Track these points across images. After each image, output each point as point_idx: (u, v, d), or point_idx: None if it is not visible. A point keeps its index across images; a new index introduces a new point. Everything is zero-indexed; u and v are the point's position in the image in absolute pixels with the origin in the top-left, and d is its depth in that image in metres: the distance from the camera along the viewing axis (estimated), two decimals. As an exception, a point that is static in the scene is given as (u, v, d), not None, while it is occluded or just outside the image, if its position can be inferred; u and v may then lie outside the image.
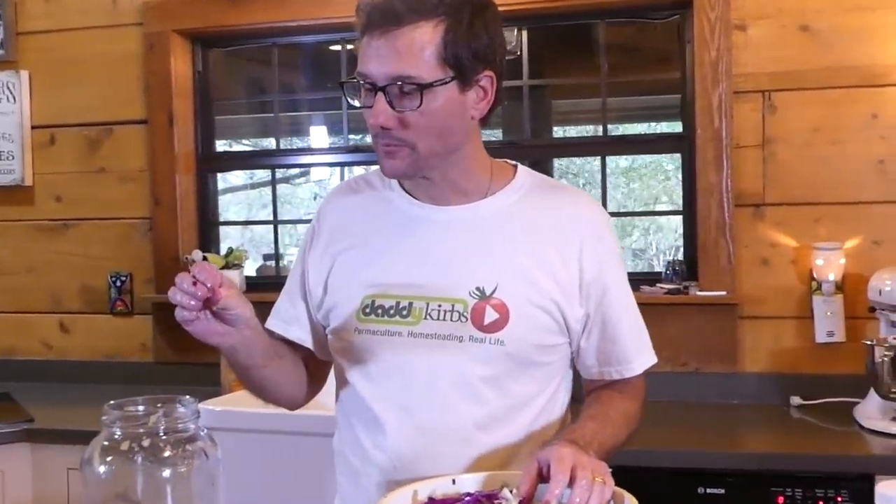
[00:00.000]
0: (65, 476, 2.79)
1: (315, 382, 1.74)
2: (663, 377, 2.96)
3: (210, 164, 3.62)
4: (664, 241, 6.32)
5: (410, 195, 1.61)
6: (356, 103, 1.53)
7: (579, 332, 1.59)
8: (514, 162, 1.67)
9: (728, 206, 2.97)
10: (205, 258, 3.35)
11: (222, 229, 3.73)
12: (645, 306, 2.97)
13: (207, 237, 3.60)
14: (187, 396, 1.34)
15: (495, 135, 3.99)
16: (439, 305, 1.52)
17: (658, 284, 3.07)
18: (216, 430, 2.70)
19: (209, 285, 1.37)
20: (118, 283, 3.52)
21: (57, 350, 3.62)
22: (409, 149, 1.48)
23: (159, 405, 1.34)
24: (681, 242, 3.29)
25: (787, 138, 2.95)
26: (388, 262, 1.57)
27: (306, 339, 1.68)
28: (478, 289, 1.52)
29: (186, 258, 3.40)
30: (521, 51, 3.33)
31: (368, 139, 1.56)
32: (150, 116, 3.48)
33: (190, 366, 3.30)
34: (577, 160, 5.34)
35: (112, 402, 1.30)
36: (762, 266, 2.97)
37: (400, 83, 1.42)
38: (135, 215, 3.52)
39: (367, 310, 1.56)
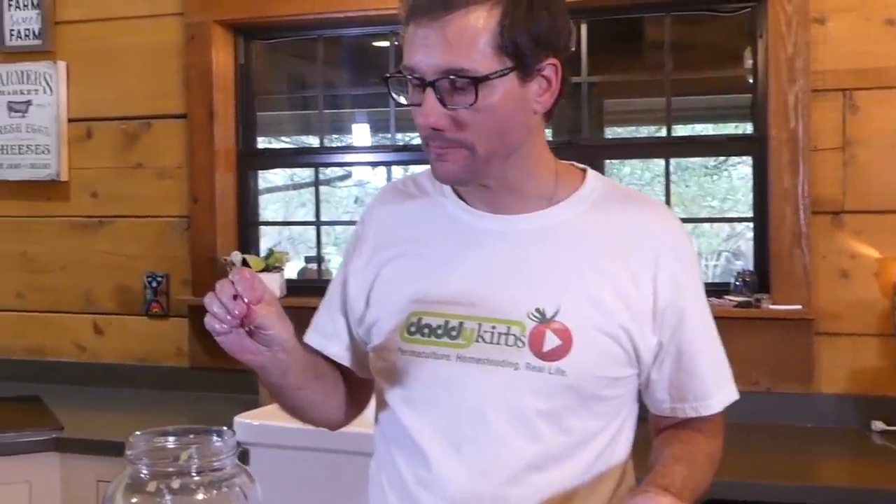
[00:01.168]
0: (94, 488, 2.64)
1: (357, 403, 1.58)
2: None
3: (251, 161, 3.46)
4: (706, 246, 6.10)
5: (464, 200, 1.43)
6: (402, 100, 1.36)
7: (650, 363, 1.40)
8: (582, 166, 1.48)
9: (804, 214, 2.76)
10: (244, 261, 3.20)
11: (260, 227, 3.58)
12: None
13: (246, 237, 3.44)
14: (224, 428, 1.17)
15: (547, 133, 3.81)
16: (493, 327, 1.34)
17: (727, 296, 2.86)
18: (253, 445, 2.58)
19: (247, 300, 1.22)
20: (154, 284, 3.38)
21: (90, 352, 3.49)
22: (467, 150, 1.30)
23: (192, 436, 1.17)
24: (725, 247, 3.09)
25: (870, 141, 2.73)
26: (437, 275, 1.40)
27: (344, 357, 1.52)
28: (538, 310, 1.33)
29: (225, 259, 3.25)
30: (578, 46, 3.14)
31: (417, 139, 1.39)
32: (190, 111, 3.33)
33: (227, 372, 3.14)
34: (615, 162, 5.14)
35: (138, 432, 1.14)
36: (841, 278, 2.76)
37: (451, 77, 1.25)
38: (172, 213, 3.37)
39: (413, 328, 1.38)
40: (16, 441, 2.68)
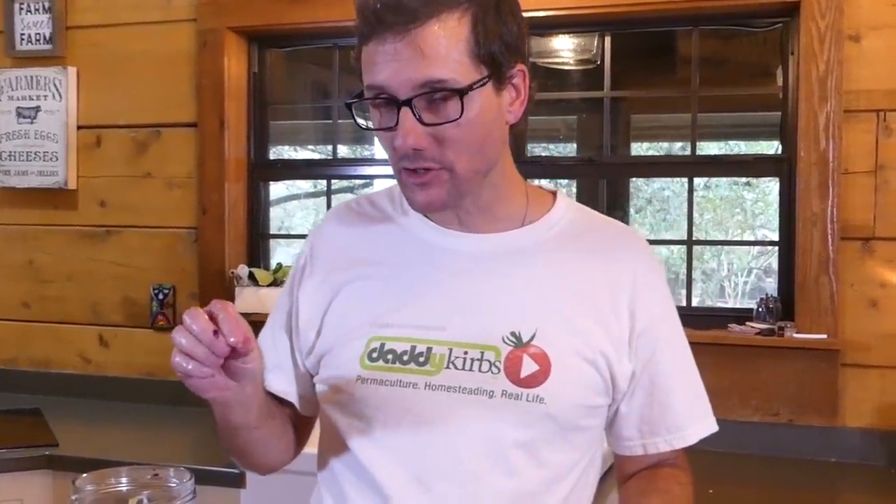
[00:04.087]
0: (87, 508, 2.56)
1: (299, 443, 1.45)
2: (752, 428, 2.68)
3: (262, 172, 3.38)
4: (737, 263, 5.95)
5: (429, 219, 1.34)
6: (368, 125, 1.24)
7: (625, 392, 1.32)
8: (551, 188, 1.41)
9: (832, 239, 2.63)
10: (251, 274, 3.12)
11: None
12: (733, 348, 2.70)
13: (256, 250, 3.36)
14: (182, 468, 1.08)
15: (569, 149, 3.70)
16: (465, 352, 1.24)
17: (749, 323, 2.74)
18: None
19: (233, 341, 1.10)
20: (161, 297, 3.30)
21: (95, 364, 3.41)
22: (448, 171, 1.20)
23: (150, 476, 1.08)
24: (755, 264, 2.95)
25: (904, 165, 2.61)
26: (401, 297, 1.29)
27: (290, 392, 1.39)
28: (513, 334, 1.24)
29: (233, 272, 3.16)
30: (602, 60, 3.05)
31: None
32: (201, 119, 3.26)
33: (232, 389, 3.05)
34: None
35: (85, 475, 1.04)
36: (870, 308, 2.63)
37: (430, 91, 1.15)
38: (180, 224, 3.29)
39: (375, 354, 1.27)
40: (8, 458, 2.60)
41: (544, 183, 1.44)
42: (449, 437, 1.23)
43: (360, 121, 1.26)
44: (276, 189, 3.67)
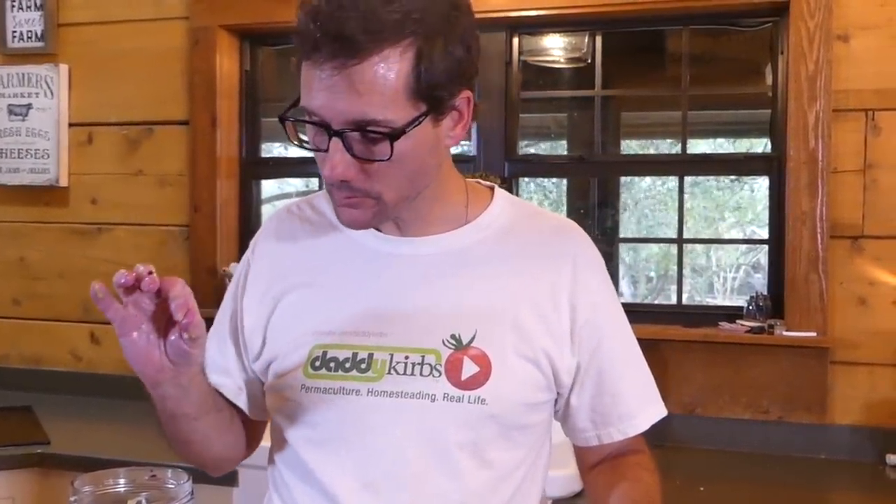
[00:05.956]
0: (79, 507, 2.56)
1: (248, 444, 1.45)
2: (742, 424, 2.70)
3: (254, 169, 3.39)
4: (725, 259, 5.96)
5: None
6: (299, 142, 1.22)
7: (569, 386, 1.32)
8: (489, 183, 1.41)
9: (822, 237, 2.65)
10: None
11: None
12: (724, 346, 2.72)
13: (247, 248, 3.35)
14: (180, 469, 1.08)
15: (560, 147, 3.71)
16: (406, 357, 1.25)
17: (739, 321, 2.76)
18: (242, 466, 2.48)
19: (183, 316, 1.10)
20: (152, 294, 3.29)
21: (86, 362, 3.41)
22: (374, 199, 1.20)
23: (147, 477, 1.08)
24: (743, 261, 2.97)
25: (892, 164, 2.63)
26: (341, 304, 1.29)
27: (239, 397, 1.39)
28: (453, 337, 1.25)
29: (224, 270, 3.17)
30: (592, 58, 3.06)
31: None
32: (193, 117, 3.26)
33: (224, 386, 3.06)
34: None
35: (84, 475, 1.05)
36: (859, 306, 2.65)
37: (362, 130, 1.13)
38: (172, 222, 3.30)
39: (317, 363, 1.27)
40: (-1, 455, 2.60)
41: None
42: (394, 441, 1.24)
43: (292, 138, 1.23)
44: (268, 187, 3.67)
